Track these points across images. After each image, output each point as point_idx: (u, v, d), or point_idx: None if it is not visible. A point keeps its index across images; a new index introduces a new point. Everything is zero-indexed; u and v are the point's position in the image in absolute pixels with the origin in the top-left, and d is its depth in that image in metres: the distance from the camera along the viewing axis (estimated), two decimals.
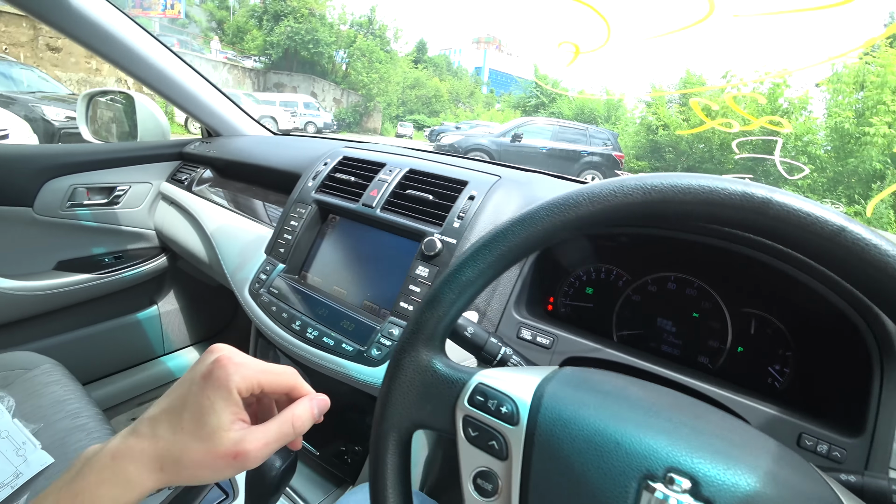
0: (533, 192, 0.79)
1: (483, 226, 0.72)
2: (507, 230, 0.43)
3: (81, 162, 1.31)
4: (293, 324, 0.73)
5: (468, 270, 0.45)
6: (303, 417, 0.40)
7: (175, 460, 0.35)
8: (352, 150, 0.95)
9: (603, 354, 0.66)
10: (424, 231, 0.73)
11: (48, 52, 11.54)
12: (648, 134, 15.00)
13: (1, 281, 1.21)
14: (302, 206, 0.86)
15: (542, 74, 23.68)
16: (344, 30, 25.57)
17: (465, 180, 0.78)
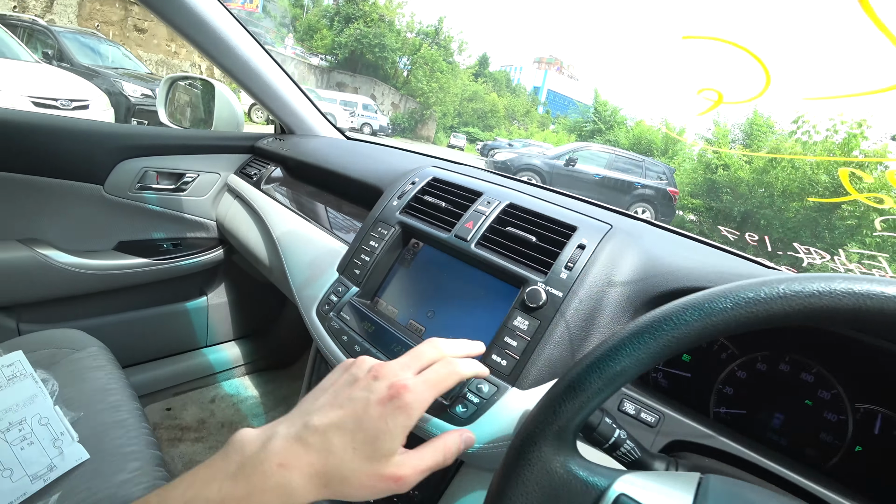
0: (649, 250, 0.69)
1: (595, 281, 0.62)
2: (680, 316, 0.36)
3: (156, 145, 1.30)
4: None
5: (623, 358, 0.37)
6: (452, 449, 0.42)
7: (342, 479, 0.35)
8: (441, 170, 0.87)
9: (713, 442, 0.55)
10: (526, 277, 0.64)
11: (135, 32, 12.27)
12: (706, 172, 14.44)
13: (63, 256, 1.21)
14: (384, 226, 0.78)
15: (602, 100, 23.29)
16: (410, 37, 26.06)
17: (574, 225, 0.68)
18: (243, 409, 1.52)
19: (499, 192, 0.77)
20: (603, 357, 0.37)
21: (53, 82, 5.29)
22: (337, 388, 0.40)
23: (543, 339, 0.59)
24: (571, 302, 0.61)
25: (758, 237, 6.91)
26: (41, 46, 7.72)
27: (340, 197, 1.14)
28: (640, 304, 0.63)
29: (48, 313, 1.26)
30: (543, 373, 0.59)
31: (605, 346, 0.38)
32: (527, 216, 0.72)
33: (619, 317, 0.63)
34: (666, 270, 0.64)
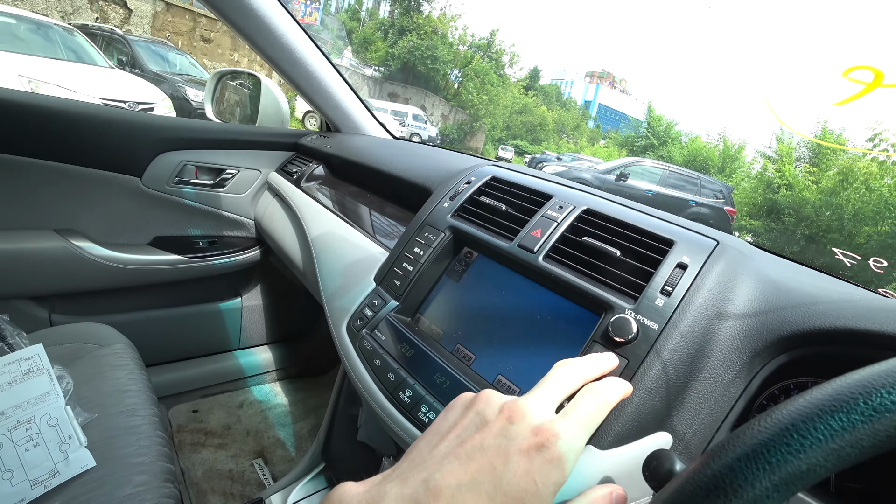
0: (769, 275, 0.54)
1: (701, 312, 0.48)
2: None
3: (196, 139, 1.25)
4: (402, 393, 0.53)
5: (811, 451, 0.23)
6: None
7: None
8: (502, 170, 0.74)
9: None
10: (610, 302, 0.50)
11: (201, 42, 13.00)
12: (767, 192, 13.63)
13: (98, 249, 1.17)
14: (432, 231, 0.66)
15: (656, 114, 22.51)
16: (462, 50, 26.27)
17: (671, 239, 0.54)
18: (271, 417, 1.43)
19: (572, 196, 0.63)
20: (776, 444, 0.24)
21: (124, 86, 5.68)
22: (461, 434, 0.31)
23: (632, 383, 0.45)
24: (670, 337, 0.47)
25: (886, 263, 6.08)
26: (117, 53, 8.27)
27: (385, 198, 1.04)
28: (763, 346, 0.48)
29: (80, 306, 1.23)
30: (630, 428, 0.45)
31: (777, 424, 0.24)
32: (609, 225, 0.58)
33: (732, 360, 0.48)
34: (798, 302, 0.49)
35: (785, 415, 0.25)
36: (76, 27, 7.14)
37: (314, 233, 0.94)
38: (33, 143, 1.06)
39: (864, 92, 0.45)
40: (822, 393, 0.25)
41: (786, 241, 12.31)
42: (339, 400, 0.78)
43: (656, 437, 0.46)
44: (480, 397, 0.34)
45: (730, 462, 0.24)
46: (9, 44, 5.16)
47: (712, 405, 0.48)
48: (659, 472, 0.36)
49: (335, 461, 0.75)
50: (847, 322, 0.45)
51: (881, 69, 0.42)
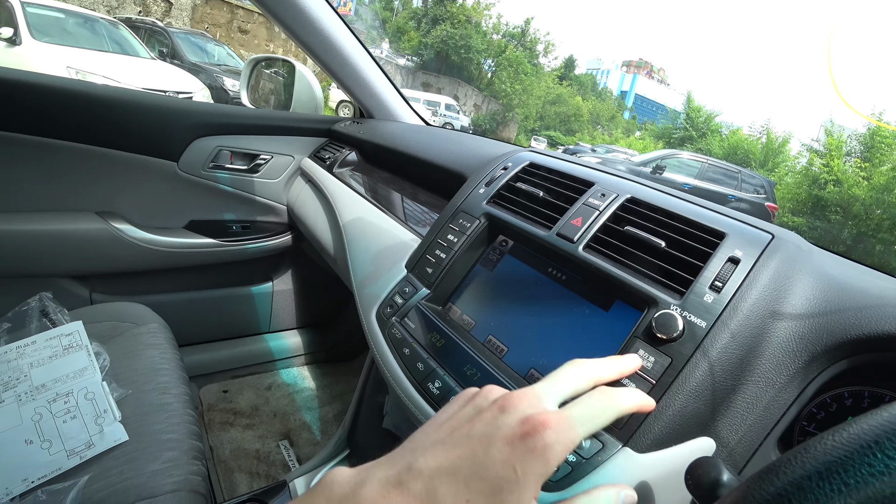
0: (829, 273, 0.50)
1: (754, 311, 0.44)
2: None
3: (231, 124, 1.26)
4: (431, 383, 0.51)
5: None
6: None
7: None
8: (540, 156, 0.71)
9: None
10: (654, 297, 0.47)
11: (238, 33, 13.28)
12: (813, 188, 12.98)
13: (136, 231, 1.20)
14: (466, 218, 0.64)
15: (696, 105, 21.68)
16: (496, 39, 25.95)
17: (723, 231, 0.50)
18: (298, 401, 1.45)
19: (615, 184, 0.60)
20: (854, 460, 0.21)
21: (164, 76, 5.89)
22: (454, 424, 0.31)
23: (675, 384, 0.42)
24: (719, 336, 0.43)
25: None
26: (158, 45, 8.53)
27: (418, 184, 1.02)
28: (822, 350, 0.44)
29: (118, 286, 1.27)
30: (671, 432, 0.42)
31: (857, 438, 0.21)
32: (654, 215, 0.54)
33: (786, 363, 0.45)
34: (864, 304, 0.45)
35: (867, 429, 0.22)
36: (120, 20, 7.40)
37: (346, 218, 0.93)
38: (77, 128, 1.09)
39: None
40: None
41: (831, 241, 11.75)
42: (366, 387, 0.77)
43: (699, 441, 0.43)
44: (482, 391, 0.33)
45: (797, 479, 0.22)
46: (58, 37, 5.40)
47: (761, 411, 0.45)
48: (704, 481, 0.33)
49: (359, 447, 0.75)
50: None
51: None
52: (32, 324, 0.94)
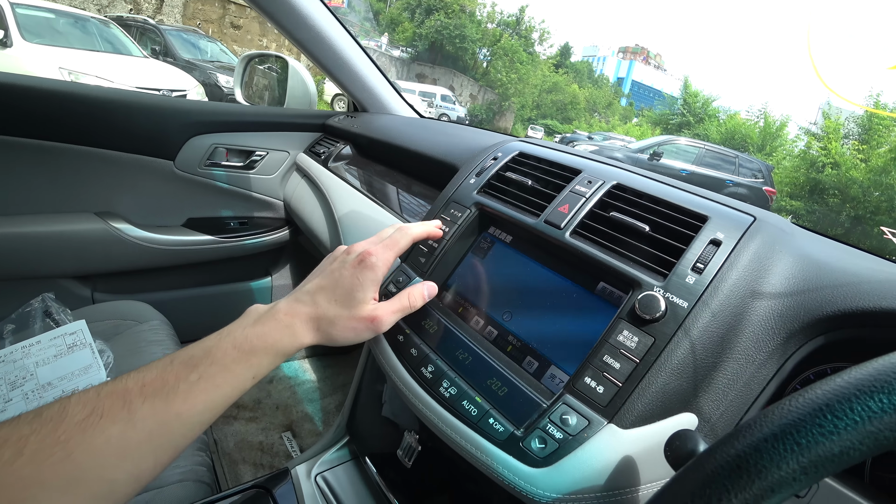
0: (809, 253, 0.51)
1: (734, 290, 0.46)
2: None
3: (226, 122, 1.27)
4: (424, 368, 0.53)
5: (846, 433, 0.22)
6: (416, 296, 0.53)
7: (329, 322, 0.47)
8: (530, 145, 0.72)
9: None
10: (638, 279, 0.49)
11: (231, 29, 13.18)
12: (811, 171, 12.95)
13: (135, 230, 1.21)
14: (458, 207, 0.65)
15: (693, 90, 21.57)
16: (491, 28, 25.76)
17: (705, 214, 0.52)
18: (300, 393, 1.47)
19: (602, 171, 0.61)
20: (807, 423, 0.23)
21: (158, 74, 5.84)
22: (322, 268, 0.52)
23: (658, 362, 0.44)
24: (700, 316, 0.45)
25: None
26: (150, 43, 8.47)
27: (411, 176, 1.04)
28: (800, 327, 0.46)
29: (120, 285, 1.28)
30: (654, 408, 0.44)
31: (810, 403, 0.23)
32: (640, 201, 0.56)
33: (765, 341, 0.47)
34: (840, 282, 0.46)
35: (819, 395, 0.23)
36: (111, 19, 7.34)
37: (341, 211, 0.95)
38: (74, 131, 1.10)
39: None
40: (862, 372, 0.23)
41: (829, 224, 11.75)
42: (364, 376, 0.79)
43: (681, 417, 0.45)
44: (351, 248, 0.53)
45: (755, 442, 0.23)
46: (49, 38, 5.36)
47: (741, 387, 0.47)
48: (681, 453, 0.35)
49: (359, 434, 0.76)
50: (893, 303, 0.43)
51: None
52: (36, 324, 0.96)
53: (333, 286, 0.48)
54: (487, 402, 0.48)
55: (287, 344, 0.45)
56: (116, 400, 0.36)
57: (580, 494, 0.42)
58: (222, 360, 0.42)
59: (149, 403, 0.37)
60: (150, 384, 0.38)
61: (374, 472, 0.70)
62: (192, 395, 0.39)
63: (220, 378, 0.41)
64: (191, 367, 0.40)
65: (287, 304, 0.47)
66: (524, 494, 0.44)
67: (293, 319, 0.46)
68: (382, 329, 0.49)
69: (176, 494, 0.69)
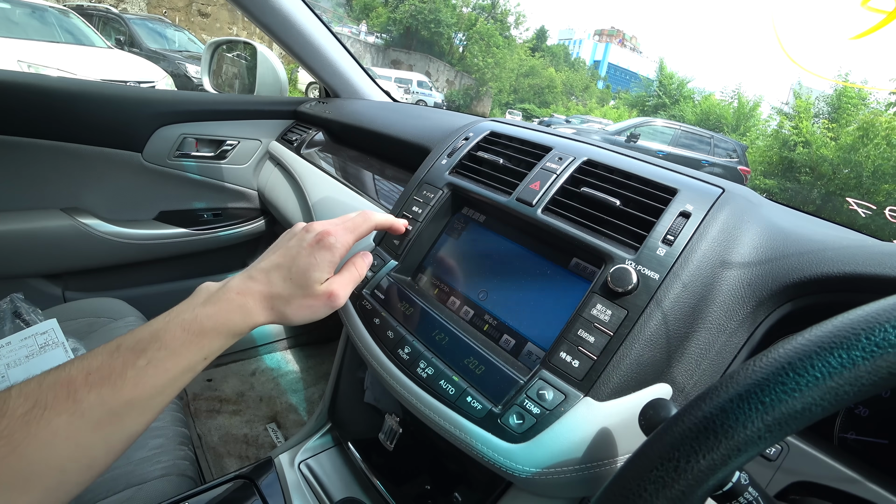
0: (776, 223, 0.52)
1: (704, 261, 0.47)
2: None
3: (194, 111, 1.23)
4: (401, 350, 0.53)
5: (807, 389, 0.22)
6: (360, 266, 0.52)
7: (284, 301, 0.46)
8: (502, 124, 0.72)
9: (857, 489, 0.40)
10: (610, 253, 0.49)
11: (199, 17, 12.78)
12: (783, 150, 13.21)
13: (104, 226, 1.18)
14: (430, 189, 0.65)
15: (668, 72, 21.73)
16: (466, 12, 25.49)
17: (674, 187, 0.52)
18: (283, 384, 1.47)
19: (572, 147, 0.61)
20: (771, 383, 0.23)
21: (124, 66, 5.62)
22: (279, 245, 0.50)
23: (631, 334, 0.45)
24: (672, 287, 0.46)
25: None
26: (114, 33, 8.16)
27: (385, 161, 1.02)
28: (769, 295, 0.47)
29: (92, 282, 1.25)
30: (629, 380, 0.44)
31: (773, 363, 0.24)
32: (611, 176, 0.56)
33: (735, 310, 0.47)
34: (805, 249, 0.47)
35: (781, 354, 0.24)
36: (71, 9, 7.03)
37: (315, 198, 0.94)
38: (32, 124, 1.06)
39: (886, 22, 0.42)
40: (822, 330, 0.24)
41: (801, 201, 12.03)
42: (343, 363, 0.79)
43: (656, 388, 0.46)
44: (308, 226, 0.51)
45: (721, 403, 0.24)
46: (5, 29, 5.12)
47: (714, 356, 0.48)
48: (654, 421, 0.35)
49: (341, 421, 0.76)
50: (856, 268, 0.44)
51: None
52: (6, 326, 0.93)
53: (289, 264, 0.47)
54: (465, 381, 0.49)
55: (239, 323, 0.44)
56: (60, 390, 0.35)
57: (559, 467, 0.43)
58: (171, 343, 0.40)
59: (95, 392, 0.36)
60: (96, 372, 0.37)
61: (358, 457, 0.70)
62: (142, 380, 0.38)
63: (169, 362, 0.40)
64: (138, 353, 0.39)
65: (240, 281, 0.46)
66: (503, 470, 0.44)
67: (246, 298, 0.45)
68: (339, 304, 0.48)
69: (159, 489, 0.69)
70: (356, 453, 0.71)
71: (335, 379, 0.78)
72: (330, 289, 0.47)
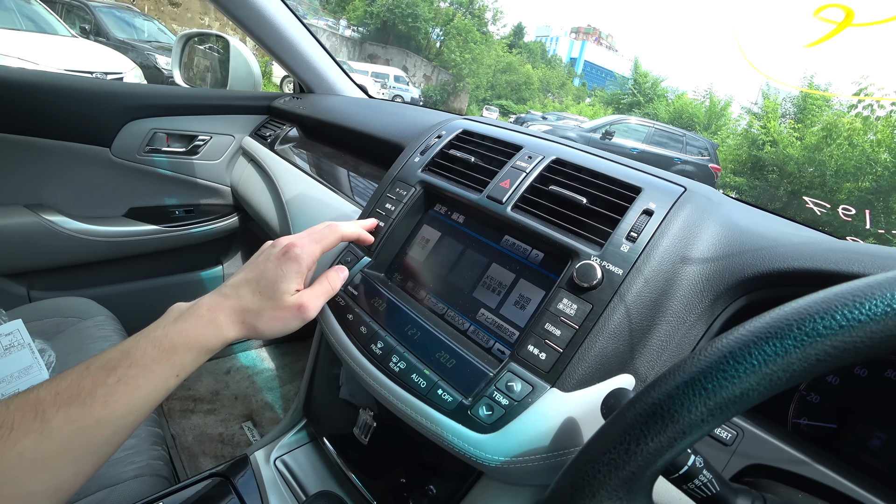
0: (735, 220, 0.55)
1: (665, 257, 0.49)
2: (857, 306, 0.23)
3: (165, 105, 1.21)
4: (374, 345, 0.54)
5: (749, 374, 0.24)
6: (334, 280, 0.53)
7: (255, 314, 0.46)
8: (475, 123, 0.73)
9: (806, 470, 0.42)
10: (576, 249, 0.51)
11: (169, 6, 12.40)
12: (752, 149, 13.61)
13: (70, 223, 1.15)
14: (403, 186, 0.66)
15: (643, 71, 22.12)
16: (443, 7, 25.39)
17: (638, 186, 0.54)
18: (258, 382, 1.46)
19: (542, 146, 0.63)
20: (713, 371, 0.25)
21: (89, 56, 5.40)
22: (249, 263, 0.51)
23: (596, 327, 0.47)
24: (634, 282, 0.48)
25: (854, 211, 6.17)
26: (79, 22, 7.86)
27: (359, 157, 1.03)
28: (725, 289, 0.49)
29: (59, 281, 1.22)
30: (594, 371, 0.46)
31: (716, 353, 0.26)
32: (579, 174, 0.58)
33: (694, 303, 0.50)
34: (760, 245, 0.50)
35: (724, 344, 0.26)
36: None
37: (288, 195, 0.93)
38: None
39: (836, 32, 0.45)
40: (759, 322, 0.26)
41: (769, 198, 12.41)
42: (318, 359, 0.79)
43: (619, 378, 0.48)
44: (276, 241, 0.52)
45: (669, 390, 0.26)
46: None
47: (674, 347, 0.50)
48: (613, 408, 0.37)
49: (316, 416, 0.77)
50: (804, 263, 0.46)
51: (852, 7, 0.41)
52: None
53: (257, 278, 0.48)
54: (436, 375, 0.50)
55: (210, 338, 0.44)
56: (28, 411, 0.35)
57: (527, 456, 0.44)
58: (142, 360, 0.40)
59: (63, 412, 0.36)
60: (65, 391, 0.37)
61: (333, 451, 0.71)
62: (113, 398, 0.38)
63: (140, 379, 0.40)
64: (108, 371, 0.39)
65: (211, 298, 0.47)
66: (473, 459, 0.46)
67: (216, 313, 0.45)
68: (310, 316, 0.49)
69: (133, 489, 0.68)
70: (331, 448, 0.72)
71: (310, 375, 0.78)
72: (300, 300, 0.48)
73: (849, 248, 0.47)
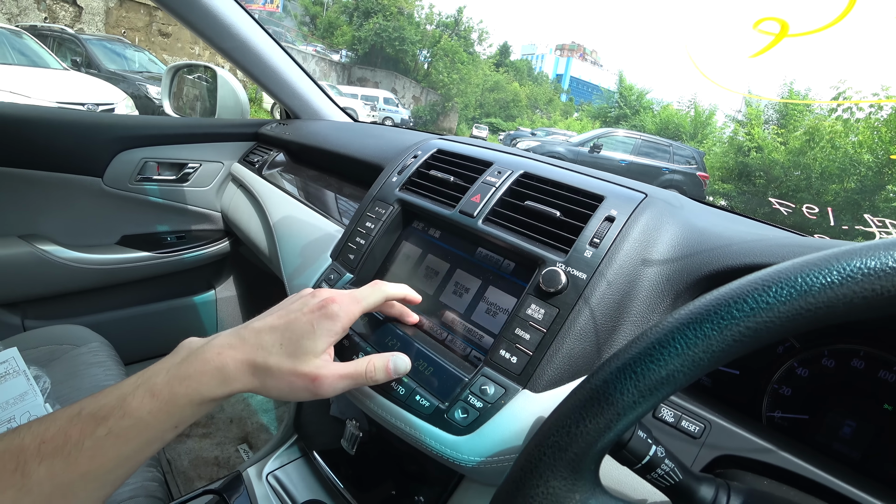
0: (692, 222, 0.58)
1: (626, 260, 0.52)
2: (759, 296, 0.26)
3: (155, 135, 1.25)
4: (355, 356, 0.56)
5: (671, 358, 0.28)
6: (378, 368, 0.46)
7: (267, 369, 0.41)
8: (449, 142, 0.77)
9: (773, 458, 0.44)
10: (542, 257, 0.54)
11: (159, 37, 12.55)
12: (738, 155, 13.83)
13: (64, 252, 1.17)
14: (381, 205, 0.69)
15: (627, 84, 22.57)
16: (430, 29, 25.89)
17: (601, 195, 0.58)
18: (253, 404, 1.47)
19: (511, 161, 0.67)
20: (641, 357, 0.28)
21: (81, 88, 5.48)
22: (281, 306, 0.47)
23: (563, 330, 0.50)
24: (598, 285, 0.51)
25: (817, 209, 6.29)
26: (70, 54, 7.95)
27: (343, 179, 1.07)
28: (684, 288, 0.52)
29: (53, 310, 1.23)
30: (562, 372, 0.49)
31: (645, 341, 0.29)
32: (544, 186, 0.62)
33: (656, 303, 0.53)
34: (715, 245, 0.53)
35: (653, 332, 0.29)
36: (24, 29, 6.84)
37: (276, 217, 0.96)
38: None
39: (774, 43, 0.49)
40: (684, 311, 0.29)
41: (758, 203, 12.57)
42: None
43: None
44: (315, 292, 0.48)
45: (605, 376, 0.29)
46: None
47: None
48: None
49: (306, 431, 0.79)
50: (754, 259, 0.49)
51: (786, 20, 0.46)
52: None
53: (285, 328, 0.43)
54: (414, 381, 0.52)
55: (214, 389, 0.39)
56: (9, 461, 0.32)
57: (501, 456, 0.47)
58: (136, 411, 0.36)
59: (46, 465, 0.33)
60: (51, 440, 0.34)
61: (323, 464, 0.73)
62: (101, 452, 0.35)
63: (132, 432, 0.36)
64: (99, 420, 0.35)
65: (226, 338, 0.42)
66: (450, 461, 0.48)
67: (226, 361, 0.40)
68: (323, 393, 0.43)
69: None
70: (321, 461, 0.74)
71: None
72: (319, 372, 0.42)
73: (796, 243, 0.50)
